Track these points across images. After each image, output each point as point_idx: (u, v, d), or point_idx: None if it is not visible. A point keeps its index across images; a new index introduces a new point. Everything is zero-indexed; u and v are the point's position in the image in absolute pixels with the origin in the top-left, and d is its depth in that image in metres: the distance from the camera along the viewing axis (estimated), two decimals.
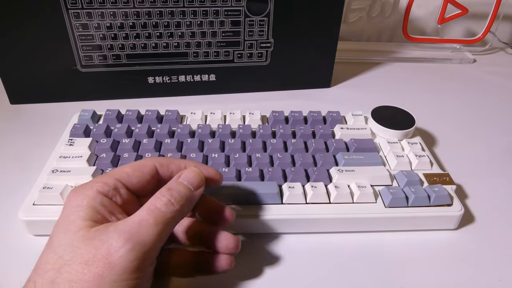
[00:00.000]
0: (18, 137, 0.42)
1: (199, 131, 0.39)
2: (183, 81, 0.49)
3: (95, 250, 0.20)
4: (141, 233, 0.21)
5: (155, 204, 0.22)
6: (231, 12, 0.45)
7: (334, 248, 0.32)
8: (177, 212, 0.23)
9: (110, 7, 0.42)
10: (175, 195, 0.23)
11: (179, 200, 0.23)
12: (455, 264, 0.31)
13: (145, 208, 0.22)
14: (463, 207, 0.33)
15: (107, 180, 0.23)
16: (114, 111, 0.41)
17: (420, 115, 0.42)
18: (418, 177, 0.34)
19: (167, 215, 0.22)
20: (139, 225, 0.21)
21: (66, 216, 0.22)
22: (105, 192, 0.23)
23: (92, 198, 0.22)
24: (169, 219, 0.22)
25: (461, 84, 0.59)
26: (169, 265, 0.26)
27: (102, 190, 0.23)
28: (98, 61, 0.46)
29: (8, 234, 0.31)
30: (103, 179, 0.23)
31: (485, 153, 0.44)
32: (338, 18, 0.49)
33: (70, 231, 0.21)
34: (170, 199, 0.23)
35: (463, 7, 0.62)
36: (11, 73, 0.45)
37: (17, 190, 0.35)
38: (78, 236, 0.21)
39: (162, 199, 0.22)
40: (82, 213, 0.22)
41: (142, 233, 0.21)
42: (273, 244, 0.32)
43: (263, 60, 0.49)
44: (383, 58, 0.64)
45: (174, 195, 0.23)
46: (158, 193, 0.23)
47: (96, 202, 0.22)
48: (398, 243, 0.32)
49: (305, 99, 0.52)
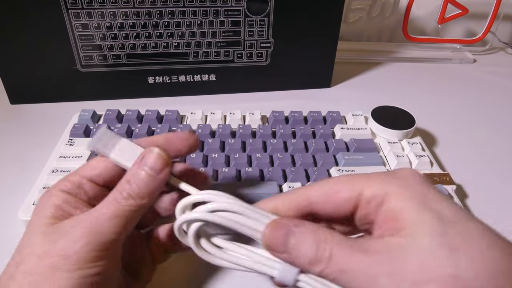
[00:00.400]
0: (18, 137, 0.42)
1: (199, 131, 0.39)
2: (183, 81, 0.49)
3: (51, 244, 0.20)
4: (98, 226, 0.21)
5: (115, 197, 0.21)
6: (231, 12, 0.45)
7: None
8: (138, 206, 0.22)
9: (110, 7, 0.42)
10: (134, 188, 0.21)
11: (138, 192, 0.22)
12: None
13: (104, 201, 0.22)
14: (463, 207, 0.33)
15: (71, 178, 0.23)
16: (114, 111, 0.41)
17: (420, 115, 0.42)
18: None
19: (126, 207, 0.21)
20: (96, 219, 0.21)
21: (32, 217, 0.22)
22: (68, 190, 0.23)
23: (55, 197, 0.22)
24: (130, 212, 0.21)
25: (461, 84, 0.59)
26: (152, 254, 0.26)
27: (65, 188, 0.23)
28: (98, 61, 0.46)
29: (8, 234, 0.31)
30: (68, 177, 0.23)
31: (485, 153, 0.44)
32: (338, 18, 0.49)
33: (32, 229, 0.21)
34: (129, 193, 0.21)
35: (463, 7, 0.62)
36: (11, 73, 0.45)
37: (17, 190, 0.35)
38: (38, 232, 0.21)
39: (122, 193, 0.21)
40: (44, 212, 0.22)
41: (98, 226, 0.21)
42: None
43: (263, 60, 0.49)
44: (383, 58, 0.64)
45: (133, 188, 0.21)
46: (118, 185, 0.22)
47: (58, 200, 0.22)
48: None
49: (305, 99, 0.52)
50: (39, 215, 0.22)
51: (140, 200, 0.22)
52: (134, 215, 0.22)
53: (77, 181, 0.23)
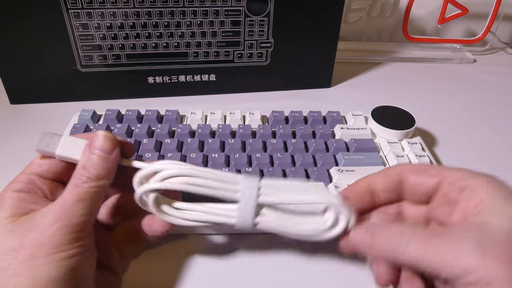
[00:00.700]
0: (18, 137, 0.42)
1: (199, 131, 0.39)
2: (183, 81, 0.49)
3: (22, 237, 0.20)
4: (67, 210, 0.21)
5: (75, 183, 0.22)
6: (231, 12, 0.45)
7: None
8: (98, 186, 0.22)
9: (110, 7, 0.42)
10: (91, 171, 0.22)
11: (96, 175, 0.22)
12: None
13: (66, 189, 0.22)
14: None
15: (19, 178, 0.23)
16: (114, 111, 0.41)
17: (420, 115, 0.42)
18: None
19: (88, 189, 0.22)
20: (64, 204, 0.21)
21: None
22: (19, 189, 0.23)
23: (9, 198, 0.22)
24: (93, 193, 0.22)
25: (461, 84, 0.59)
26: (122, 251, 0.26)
27: (16, 188, 0.23)
28: (98, 61, 0.46)
29: None
30: (16, 178, 0.23)
31: (485, 153, 0.44)
32: (338, 18, 0.49)
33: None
34: (88, 177, 0.22)
35: (463, 7, 0.62)
36: (11, 73, 0.45)
37: None
38: (3, 230, 0.21)
39: (81, 178, 0.22)
40: (2, 214, 0.21)
41: (68, 209, 0.21)
42: (273, 244, 0.32)
43: (263, 60, 0.49)
44: (383, 58, 0.64)
45: (90, 172, 0.22)
46: (74, 173, 0.23)
47: (13, 199, 0.22)
48: None
49: (305, 99, 0.52)
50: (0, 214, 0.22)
51: (99, 181, 0.22)
52: (97, 195, 0.23)
53: (26, 179, 0.23)
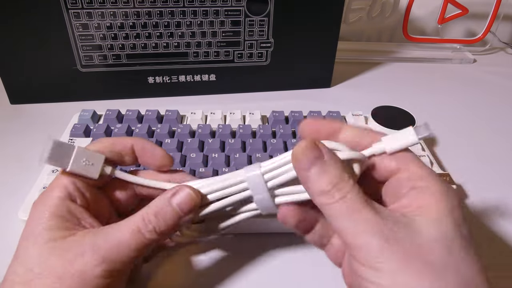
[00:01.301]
0: (18, 137, 0.42)
1: (199, 131, 0.39)
2: (183, 81, 0.49)
3: (69, 264, 0.19)
4: (119, 255, 0.20)
5: (140, 228, 0.21)
6: (231, 12, 0.45)
7: None
8: (157, 239, 0.22)
9: (110, 7, 0.42)
10: (161, 225, 0.21)
11: (164, 230, 0.21)
12: None
13: (127, 227, 0.21)
14: (463, 207, 0.33)
15: (65, 182, 0.22)
16: (114, 111, 0.41)
17: (420, 115, 0.42)
18: None
19: (149, 241, 0.21)
20: (118, 246, 0.20)
21: (32, 228, 0.21)
22: (66, 195, 0.22)
23: (56, 207, 0.21)
24: (150, 244, 0.21)
25: (461, 84, 0.59)
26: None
27: (63, 195, 0.21)
28: (98, 61, 0.46)
29: (8, 234, 0.31)
30: (60, 182, 0.22)
31: (485, 153, 0.44)
32: (338, 18, 0.49)
33: (37, 243, 0.20)
34: (155, 228, 0.21)
35: (463, 7, 0.62)
36: (11, 73, 0.45)
37: (17, 190, 0.35)
38: (47, 247, 0.20)
39: (148, 226, 0.21)
40: (46, 225, 0.20)
41: (119, 254, 0.20)
42: (273, 243, 0.32)
43: (263, 60, 0.49)
44: (383, 58, 0.64)
45: (160, 225, 0.21)
46: (145, 215, 0.21)
47: (60, 209, 0.21)
48: None
49: (305, 99, 0.52)
50: (40, 228, 0.20)
51: (161, 236, 0.22)
52: (150, 245, 0.22)
53: (72, 185, 0.22)
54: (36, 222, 0.21)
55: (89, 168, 0.22)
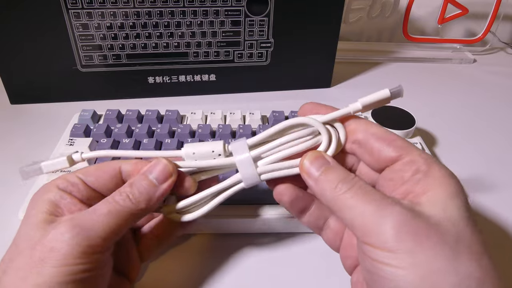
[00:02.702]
0: (18, 137, 0.42)
1: (199, 131, 0.39)
2: (183, 81, 0.49)
3: (42, 236, 0.20)
4: (89, 220, 0.21)
5: (114, 197, 0.22)
6: (231, 12, 0.45)
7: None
8: (134, 209, 0.22)
9: (110, 7, 0.42)
10: (135, 192, 0.22)
11: (137, 197, 0.22)
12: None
13: (103, 201, 0.22)
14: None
15: (67, 177, 0.23)
16: (114, 111, 0.41)
17: (420, 115, 0.42)
18: None
19: (124, 209, 0.22)
20: (90, 213, 0.21)
21: (28, 211, 0.22)
22: (63, 188, 0.23)
23: (52, 193, 0.22)
24: (126, 213, 0.22)
25: (461, 84, 0.59)
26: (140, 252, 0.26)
27: (62, 186, 0.23)
28: (98, 61, 0.46)
29: (8, 234, 0.31)
30: (65, 176, 0.23)
31: (485, 153, 0.44)
32: (338, 18, 0.49)
33: (30, 223, 0.21)
34: (128, 195, 0.22)
35: (463, 7, 0.62)
36: (11, 73, 0.45)
37: (17, 189, 0.35)
38: (35, 226, 0.21)
39: (122, 194, 0.22)
40: (42, 207, 0.22)
41: (90, 220, 0.21)
42: (273, 243, 0.32)
43: (263, 60, 0.49)
44: (383, 58, 0.64)
45: (133, 191, 0.22)
46: (122, 187, 0.23)
47: (55, 196, 0.22)
48: None
49: (305, 99, 0.51)
50: (36, 209, 0.22)
51: (137, 205, 0.22)
52: (129, 218, 0.22)
53: (72, 180, 0.23)
54: (34, 204, 0.22)
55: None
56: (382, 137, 0.23)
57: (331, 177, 0.21)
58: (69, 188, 0.23)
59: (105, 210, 0.21)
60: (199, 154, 0.24)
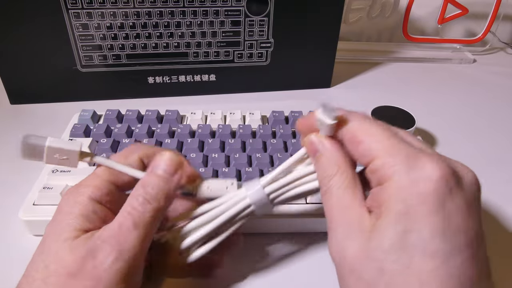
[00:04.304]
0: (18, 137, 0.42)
1: (199, 131, 0.39)
2: (183, 81, 0.49)
3: (81, 262, 0.19)
4: (122, 240, 0.20)
5: (132, 204, 0.21)
6: (231, 12, 0.45)
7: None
8: (155, 210, 0.21)
9: (110, 7, 0.42)
10: (150, 191, 0.21)
11: (154, 196, 0.21)
12: None
13: (123, 209, 0.21)
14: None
15: (99, 183, 0.22)
16: (114, 111, 0.41)
17: (420, 115, 0.42)
18: None
19: (145, 214, 0.21)
20: (120, 231, 0.20)
21: (57, 223, 0.21)
22: (97, 198, 0.22)
23: (84, 206, 0.21)
24: (148, 219, 0.21)
25: (461, 84, 0.59)
26: (165, 265, 0.25)
27: (94, 196, 0.22)
28: (98, 61, 0.46)
29: (8, 234, 0.31)
30: (95, 182, 0.22)
31: (485, 153, 0.44)
32: (338, 18, 0.49)
33: (59, 240, 0.20)
34: (145, 197, 0.21)
35: (463, 7, 0.62)
36: (11, 73, 0.45)
37: (17, 190, 0.35)
38: (65, 245, 0.20)
39: (138, 199, 0.21)
40: (72, 222, 0.21)
41: (123, 239, 0.20)
42: (273, 244, 0.32)
43: (263, 60, 0.49)
44: (383, 58, 0.64)
45: (148, 192, 0.21)
46: (134, 191, 0.22)
47: (88, 210, 0.21)
48: None
49: (305, 99, 0.52)
50: (65, 223, 0.21)
51: (156, 203, 0.21)
52: (153, 221, 0.21)
53: (105, 187, 0.22)
54: (64, 216, 0.21)
55: (65, 162, 0.22)
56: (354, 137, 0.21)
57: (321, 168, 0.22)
58: (104, 198, 0.22)
59: (130, 223, 0.20)
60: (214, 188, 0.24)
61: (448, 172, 0.18)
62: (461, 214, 0.18)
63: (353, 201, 0.20)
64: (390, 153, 0.19)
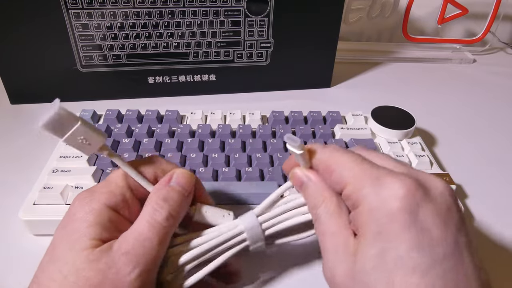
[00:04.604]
0: (18, 136, 0.42)
1: (199, 131, 0.39)
2: (183, 81, 0.49)
3: (103, 275, 0.19)
4: (142, 252, 0.20)
5: (156, 218, 0.21)
6: (231, 12, 0.45)
7: None
8: (175, 225, 0.22)
9: (110, 7, 0.42)
10: (174, 206, 0.21)
11: (178, 211, 0.22)
12: None
13: (144, 221, 0.21)
14: (463, 207, 0.33)
15: (114, 189, 0.22)
16: (114, 111, 0.41)
17: (420, 115, 0.42)
18: None
19: (168, 229, 0.21)
20: (143, 246, 0.20)
21: (71, 230, 0.20)
22: (112, 205, 0.21)
23: (99, 213, 0.21)
24: (171, 233, 0.21)
25: (461, 84, 0.59)
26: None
27: (109, 203, 0.21)
28: (98, 61, 0.46)
29: (8, 234, 0.31)
30: (110, 188, 0.22)
31: (485, 153, 0.44)
32: (338, 18, 0.49)
33: (74, 250, 0.20)
34: (170, 212, 0.21)
35: (463, 7, 0.62)
36: (11, 73, 0.45)
37: (17, 190, 0.35)
38: (82, 256, 0.19)
39: (162, 213, 0.21)
40: (88, 230, 0.20)
41: (143, 251, 0.20)
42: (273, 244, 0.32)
43: (263, 60, 0.49)
44: (383, 58, 0.64)
45: (173, 207, 0.21)
46: (155, 204, 0.21)
47: (103, 217, 0.21)
48: None
49: (305, 99, 0.52)
50: (81, 232, 0.20)
51: (177, 220, 0.22)
52: (171, 235, 0.22)
53: (121, 194, 0.22)
54: (78, 224, 0.21)
55: (84, 146, 0.21)
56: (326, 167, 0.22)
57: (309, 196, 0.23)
58: (119, 205, 0.22)
59: (156, 239, 0.20)
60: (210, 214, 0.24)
61: (413, 187, 0.19)
62: (435, 225, 0.18)
63: (339, 226, 0.21)
64: (359, 178, 0.20)
